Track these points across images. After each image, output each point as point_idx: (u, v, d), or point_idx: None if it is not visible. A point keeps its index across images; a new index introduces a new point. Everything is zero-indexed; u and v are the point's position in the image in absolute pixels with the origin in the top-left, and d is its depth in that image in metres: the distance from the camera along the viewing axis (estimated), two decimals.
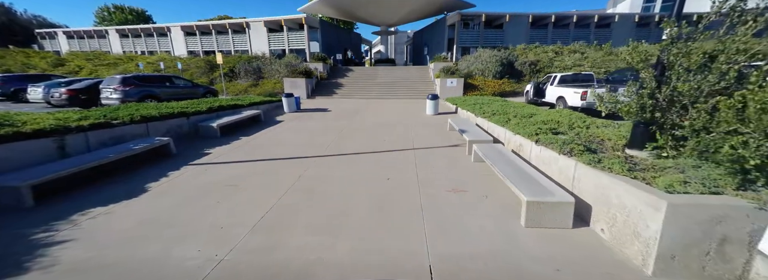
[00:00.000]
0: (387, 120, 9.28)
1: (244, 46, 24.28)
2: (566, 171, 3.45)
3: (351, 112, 10.87)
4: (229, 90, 17.14)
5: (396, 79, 18.70)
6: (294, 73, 16.23)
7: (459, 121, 7.28)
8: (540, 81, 11.26)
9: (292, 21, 22.14)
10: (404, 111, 11.19)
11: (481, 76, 16.45)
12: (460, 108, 9.70)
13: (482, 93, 15.16)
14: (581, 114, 5.84)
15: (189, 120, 6.86)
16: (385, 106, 12.83)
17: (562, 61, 17.20)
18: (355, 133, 7.37)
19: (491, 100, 9.81)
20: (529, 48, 19.47)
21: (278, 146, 6.17)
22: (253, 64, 18.13)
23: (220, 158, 5.35)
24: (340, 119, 9.44)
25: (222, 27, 24.23)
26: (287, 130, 7.88)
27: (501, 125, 5.81)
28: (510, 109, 7.53)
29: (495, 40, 21.99)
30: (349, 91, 16.86)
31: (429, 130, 7.71)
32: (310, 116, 10.07)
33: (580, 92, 8.13)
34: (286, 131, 7.68)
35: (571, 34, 22.45)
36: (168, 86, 10.86)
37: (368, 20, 27.77)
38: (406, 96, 15.88)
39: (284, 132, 7.59)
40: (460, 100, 10.71)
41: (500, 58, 16.45)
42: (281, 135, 7.24)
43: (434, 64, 18.46)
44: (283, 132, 7.59)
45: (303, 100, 14.65)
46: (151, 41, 27.55)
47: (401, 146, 6.22)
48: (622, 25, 22.74)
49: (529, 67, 16.58)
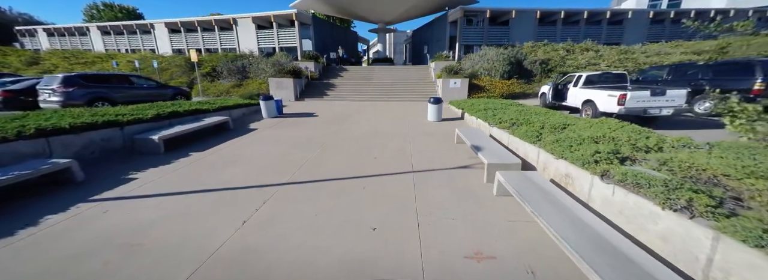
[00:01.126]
0: (382, 128, 7.78)
1: (231, 44, 22.75)
2: (688, 244, 1.95)
3: (341, 118, 9.37)
4: (209, 91, 15.61)
5: (394, 79, 17.20)
6: (281, 73, 14.72)
7: (469, 132, 5.80)
8: (560, 81, 9.78)
9: (282, 17, 20.64)
10: (402, 116, 9.70)
11: (488, 76, 14.97)
12: (467, 114, 8.21)
13: (489, 95, 13.68)
14: (636, 126, 4.36)
15: (124, 131, 5.34)
16: (381, 110, 11.33)
17: (575, 60, 15.75)
18: (340, 147, 5.87)
19: (505, 105, 8.32)
20: (537, 46, 18.00)
21: (235, 167, 4.66)
22: (236, 63, 16.60)
23: (144, 187, 3.84)
24: (326, 127, 7.94)
25: (208, 24, 22.70)
26: (257, 141, 6.37)
27: (531, 142, 4.31)
28: (532, 116, 6.04)
29: (500, 37, 20.54)
30: (342, 92, 15.36)
31: (432, 143, 6.22)
32: (291, 123, 8.57)
33: (617, 95, 6.64)
34: (255, 144, 6.17)
35: (581, 32, 21.02)
36: (126, 87, 9.33)
37: (365, 17, 26.29)
38: (405, 98, 14.40)
39: (252, 145, 6.07)
40: (466, 104, 9.22)
41: (508, 56, 14.98)
42: (246, 149, 5.72)
43: (435, 63, 16.97)
44: (251, 145, 6.07)
45: (289, 103, 13.15)
46: (135, 39, 26.00)
47: (396, 166, 4.73)
48: (635, 21, 21.34)
49: (539, 67, 15.12)
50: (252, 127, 7.90)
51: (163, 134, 5.38)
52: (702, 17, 22.12)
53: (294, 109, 11.52)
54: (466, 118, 8.40)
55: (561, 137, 4.05)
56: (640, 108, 6.49)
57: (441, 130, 7.40)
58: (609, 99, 6.92)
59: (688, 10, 21.53)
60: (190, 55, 12.19)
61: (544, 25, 20.97)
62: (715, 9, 21.99)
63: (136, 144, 5.28)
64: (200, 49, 23.58)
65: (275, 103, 9.58)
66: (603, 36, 20.96)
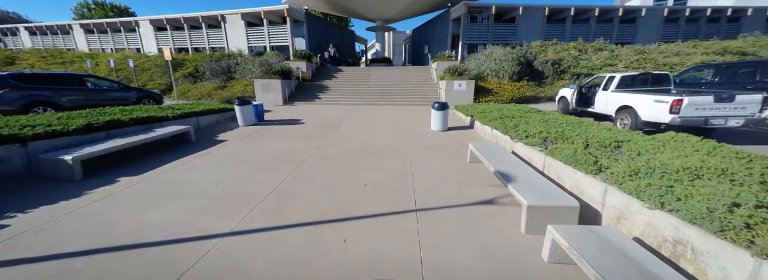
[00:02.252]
0: (376, 140, 6.45)
1: (220, 43, 21.41)
2: None
3: (330, 126, 8.03)
4: (190, 93, 14.25)
5: (392, 81, 15.88)
6: (268, 74, 13.37)
7: (486, 148, 4.47)
8: (585, 84, 8.45)
9: (273, 13, 19.32)
10: (401, 124, 8.37)
11: (495, 77, 13.66)
12: (479, 123, 6.88)
13: (497, 98, 12.37)
14: (731, 146, 3.06)
15: (28, 149, 3.99)
16: (378, 115, 10.00)
17: (588, 60, 14.47)
18: (320, 169, 4.53)
19: (523, 112, 7.01)
20: (545, 45, 16.73)
21: (167, 203, 3.32)
22: (221, 63, 15.25)
23: (3, 249, 2.48)
24: (310, 138, 6.60)
25: (195, 21, 21.36)
26: (216, 160, 5.02)
27: (587, 172, 2.98)
28: (566, 128, 4.73)
29: (506, 36, 19.26)
30: (335, 95, 14.03)
31: (439, 162, 4.88)
32: (270, 132, 7.22)
33: (669, 101, 5.30)
34: (212, 164, 4.82)
35: (591, 30, 19.77)
36: (77, 90, 7.97)
37: (362, 15, 25.01)
38: (405, 101, 13.07)
39: (207, 166, 4.72)
40: (476, 111, 7.90)
41: (517, 56, 13.68)
42: (195, 173, 4.37)
43: (437, 63, 15.67)
44: (205, 165, 4.72)
45: (276, 107, 11.81)
46: (119, 37, 24.62)
47: (394, 200, 3.40)
48: (648, 20, 20.10)
49: (551, 67, 13.82)
50: (220, 138, 6.55)
51: (83, 153, 4.03)
52: (718, 15, 20.93)
53: (279, 114, 10.17)
54: (478, 127, 7.06)
55: (640, 168, 2.71)
56: (701, 118, 5.18)
57: (449, 143, 6.07)
58: (656, 106, 5.59)
59: (704, 8, 20.31)
60: (164, 53, 10.86)
61: (553, 23, 19.70)
62: (731, 7, 20.78)
63: (43, 167, 3.92)
64: (187, 48, 22.25)
65: (254, 108, 8.23)
66: (614, 35, 19.71)
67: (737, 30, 20.48)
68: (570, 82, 13.35)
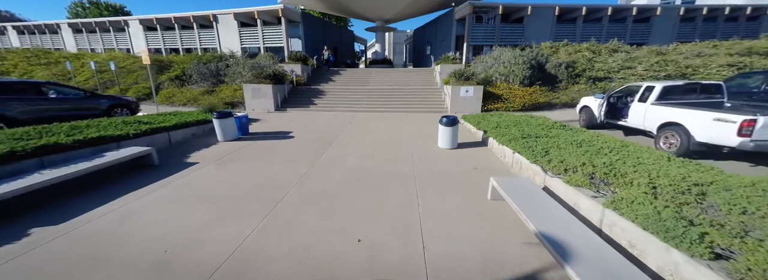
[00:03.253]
0: (375, 163, 5.44)
1: (212, 43, 20.40)
2: None
3: (322, 141, 7.03)
4: (175, 98, 13.25)
5: (393, 85, 14.87)
6: (259, 78, 12.37)
7: (514, 187, 3.45)
8: (616, 93, 7.41)
9: (267, 13, 18.30)
10: (404, 137, 7.36)
11: (504, 82, 12.64)
12: (495, 141, 5.86)
13: (508, 105, 11.35)
14: None
15: None
16: (378, 126, 8.98)
17: (604, 63, 13.43)
18: (302, 213, 3.52)
19: (547, 128, 6.00)
20: (556, 46, 15.71)
21: (76, 276, 2.32)
22: (209, 66, 14.24)
23: None
24: (296, 160, 5.59)
25: (186, 21, 20.35)
26: (173, 196, 4.01)
27: (699, 258, 1.96)
28: (614, 158, 3.73)
29: (514, 37, 18.22)
30: (332, 100, 13.02)
31: (453, 200, 3.86)
32: (251, 151, 6.21)
33: (738, 122, 4.28)
34: (167, 201, 3.81)
35: (604, 30, 18.74)
36: (33, 100, 6.96)
37: (362, 14, 23.97)
38: (406, 108, 12.06)
39: (158, 205, 3.71)
40: (489, 124, 6.88)
41: (528, 59, 12.65)
42: (137, 220, 3.37)
43: (441, 66, 14.66)
44: (156, 205, 3.71)
45: (266, 115, 10.79)
46: (108, 37, 23.63)
47: (397, 266, 2.39)
48: (663, 19, 19.06)
49: (565, 71, 12.79)
50: (190, 159, 5.54)
51: None
52: (737, 14, 19.87)
53: (268, 124, 9.16)
54: (493, 146, 6.04)
55: None
56: None
57: (461, 169, 5.05)
58: (717, 125, 4.57)
59: (722, 6, 19.26)
60: (143, 56, 9.85)
61: (563, 23, 18.66)
62: (750, 5, 19.71)
63: None
64: (178, 49, 21.24)
65: (236, 121, 7.23)
66: (628, 35, 18.67)
67: (757, 29, 19.45)
68: (587, 88, 12.34)
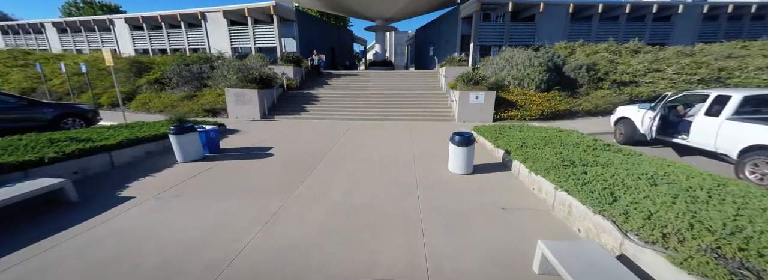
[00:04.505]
0: (368, 196, 4.10)
1: (201, 43, 19.15)
2: None
3: (306, 162, 5.70)
4: (152, 104, 11.96)
5: (394, 89, 13.57)
6: (244, 82, 11.07)
7: (575, 256, 2.12)
8: (669, 103, 6.03)
9: (258, 11, 17.03)
10: (406, 155, 6.03)
11: (519, 86, 11.30)
12: (523, 167, 4.52)
13: (523, 113, 10.01)
14: None
15: None
16: (376, 139, 7.65)
17: (628, 65, 12.07)
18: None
19: (592, 150, 4.66)
20: (571, 46, 14.38)
21: None
22: (192, 68, 12.96)
23: None
24: (267, 192, 4.27)
25: (173, 19, 19.10)
26: (59, 269, 2.68)
27: None
28: (731, 210, 2.38)
29: (524, 36, 16.90)
30: (325, 107, 11.71)
31: (480, 268, 2.52)
32: (212, 177, 4.88)
33: None
34: (48, 274, 2.49)
35: (621, 30, 17.40)
36: None
37: (361, 13, 22.70)
38: (409, 115, 10.73)
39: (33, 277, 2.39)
40: (512, 142, 5.54)
41: (544, 60, 11.32)
42: None
43: (446, 68, 13.35)
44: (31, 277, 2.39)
45: (249, 124, 9.45)
46: (94, 37, 22.41)
47: None
48: (685, 17, 17.71)
49: (586, 74, 11.45)
50: (126, 192, 4.22)
51: None
52: (764, 12, 18.49)
53: (247, 137, 7.84)
54: (520, 171, 4.69)
55: None
56: None
57: (483, 207, 3.71)
58: None
59: (749, 3, 17.89)
60: (105, 55, 8.55)
61: (577, 21, 17.33)
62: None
63: None
64: (166, 50, 19.99)
65: (202, 136, 5.93)
66: (647, 34, 17.31)
67: None
68: (611, 93, 10.99)
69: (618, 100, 10.51)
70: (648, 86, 11.17)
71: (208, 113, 10.81)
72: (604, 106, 10.34)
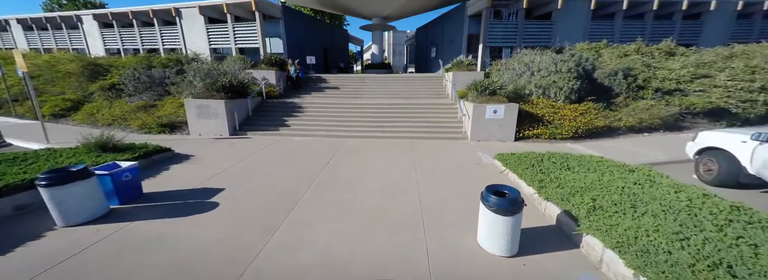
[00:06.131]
0: None
1: (177, 43, 17.14)
2: None
3: (263, 222, 3.75)
4: (99, 115, 9.93)
5: (393, 97, 11.66)
6: (210, 90, 9.11)
7: None
8: None
9: (239, 7, 15.06)
10: (410, 207, 4.08)
11: (543, 97, 9.39)
12: (622, 262, 2.60)
13: (552, 130, 8.08)
14: None
15: None
16: (368, 172, 5.68)
17: (669, 70, 10.18)
18: None
19: (710, 213, 2.70)
20: (595, 48, 12.51)
21: None
22: (152, 72, 10.97)
23: None
24: None
25: (146, 16, 17.09)
26: None
27: None
28: None
29: (541, 36, 15.00)
30: (310, 120, 9.76)
31: None
32: (97, 265, 2.93)
33: None
34: None
35: (647, 29, 15.55)
36: None
37: (356, 11, 20.74)
38: (410, 132, 8.78)
39: None
40: (575, 197, 3.62)
41: (573, 65, 9.40)
42: None
43: (453, 73, 11.44)
44: None
45: (211, 145, 7.40)
46: (61, 35, 20.35)
47: None
48: (717, 16, 15.88)
49: (623, 82, 9.55)
50: None
51: None
52: None
53: (197, 168, 5.86)
54: (605, 257, 2.76)
55: None
56: None
57: None
58: None
59: None
60: (16, 58, 6.57)
61: (599, 19, 15.45)
62: None
63: None
64: (139, 50, 17.96)
65: (107, 181, 3.98)
66: (675, 34, 15.45)
67: None
68: (656, 104, 9.08)
69: (666, 113, 8.62)
70: (699, 96, 9.29)
71: (165, 129, 8.82)
72: (650, 121, 8.45)
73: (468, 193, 4.57)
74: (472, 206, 3.87)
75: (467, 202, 4.23)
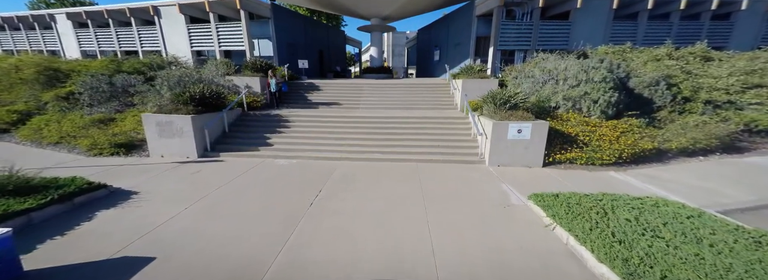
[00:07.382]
0: None
1: (156, 45, 15.63)
2: None
3: None
4: (48, 131, 8.38)
5: (393, 108, 10.20)
6: (175, 103, 7.61)
7: None
8: None
9: (223, 4, 13.58)
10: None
11: (573, 111, 7.93)
12: None
13: (590, 155, 6.59)
14: None
15: None
16: (365, 220, 4.18)
17: (714, 78, 8.75)
18: None
19: None
20: (620, 51, 11.10)
21: None
22: (115, 80, 9.47)
23: None
24: None
25: (122, 15, 15.58)
26: None
27: None
28: None
29: (558, 38, 13.58)
30: (298, 137, 8.27)
31: None
32: None
33: None
34: None
35: (673, 30, 14.15)
36: None
37: (354, 11, 19.26)
38: (416, 154, 7.27)
39: None
40: None
41: (606, 72, 7.95)
42: None
43: (463, 81, 9.98)
44: None
45: (168, 173, 5.78)
46: (34, 36, 18.83)
47: None
48: (748, 16, 14.50)
49: (667, 92, 8.10)
50: None
51: None
52: None
53: (135, 213, 4.33)
54: None
55: None
56: None
57: None
58: None
59: None
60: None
61: (621, 20, 14.03)
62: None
63: None
64: (116, 52, 16.43)
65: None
66: (703, 36, 14.05)
67: None
68: (709, 120, 7.63)
69: (723, 133, 7.16)
70: (757, 110, 7.85)
71: (120, 150, 7.29)
72: (707, 141, 6.98)
73: (504, 263, 3.09)
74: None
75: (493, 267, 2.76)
